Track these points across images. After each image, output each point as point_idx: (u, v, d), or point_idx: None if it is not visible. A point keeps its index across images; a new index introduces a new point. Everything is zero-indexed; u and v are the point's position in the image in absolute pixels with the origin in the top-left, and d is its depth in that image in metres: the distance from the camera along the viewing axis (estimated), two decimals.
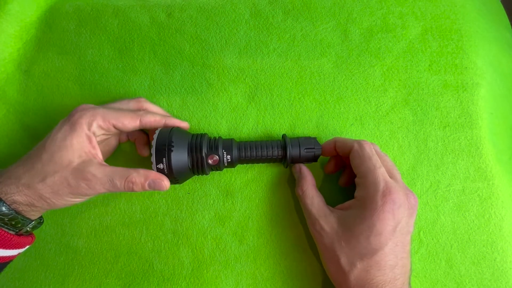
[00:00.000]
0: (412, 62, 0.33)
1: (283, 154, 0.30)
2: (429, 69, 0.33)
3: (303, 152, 0.30)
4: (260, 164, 0.33)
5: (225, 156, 0.29)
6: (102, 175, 0.25)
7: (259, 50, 0.34)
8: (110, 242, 0.32)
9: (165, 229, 0.32)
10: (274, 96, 0.33)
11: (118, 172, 0.26)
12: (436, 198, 0.31)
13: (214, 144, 0.29)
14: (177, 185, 0.33)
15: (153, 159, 0.27)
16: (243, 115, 0.33)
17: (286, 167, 0.32)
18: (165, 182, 0.27)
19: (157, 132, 0.28)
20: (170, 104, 0.34)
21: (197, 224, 0.32)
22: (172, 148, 0.27)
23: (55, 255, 0.32)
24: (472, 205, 0.31)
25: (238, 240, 0.32)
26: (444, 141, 0.32)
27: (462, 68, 0.33)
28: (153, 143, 0.27)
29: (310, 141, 0.31)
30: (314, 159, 0.30)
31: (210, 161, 0.29)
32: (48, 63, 0.35)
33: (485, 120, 0.32)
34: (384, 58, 0.33)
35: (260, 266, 0.31)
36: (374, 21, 0.34)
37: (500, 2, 0.42)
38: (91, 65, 0.35)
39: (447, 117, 0.32)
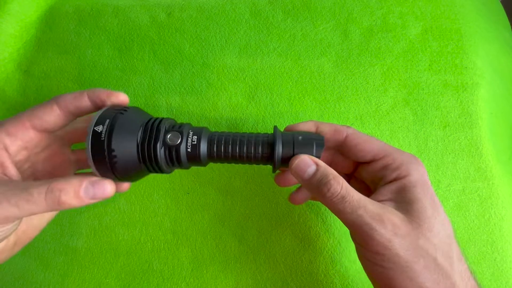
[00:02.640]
0: (412, 62, 0.33)
1: (269, 153, 0.22)
2: (429, 69, 0.33)
3: (299, 141, 0.22)
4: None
5: (190, 137, 0.22)
6: (5, 188, 0.18)
7: (259, 50, 0.34)
8: (109, 242, 0.32)
9: (165, 229, 0.32)
10: (274, 96, 0.33)
11: (36, 182, 0.19)
12: None
13: (181, 125, 0.23)
14: (176, 186, 0.33)
15: (93, 118, 0.20)
16: (243, 114, 0.33)
17: (274, 172, 0.23)
18: (108, 183, 0.20)
19: (111, 105, 0.22)
20: (170, 103, 0.34)
21: (197, 224, 0.32)
22: (124, 112, 0.21)
23: (55, 255, 0.32)
24: (472, 205, 0.31)
25: (238, 240, 0.32)
26: (444, 141, 0.32)
27: (462, 68, 0.33)
28: (101, 109, 0.21)
29: (310, 137, 0.22)
30: (313, 152, 0.22)
31: (168, 137, 0.21)
32: (48, 63, 0.35)
33: (485, 120, 0.32)
34: (384, 58, 0.33)
35: (260, 266, 0.31)
36: (374, 21, 0.34)
37: (500, 2, 0.42)
38: (90, 64, 0.35)
39: (447, 117, 0.32)
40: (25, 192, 0.18)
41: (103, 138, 0.20)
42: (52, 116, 0.21)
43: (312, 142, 0.22)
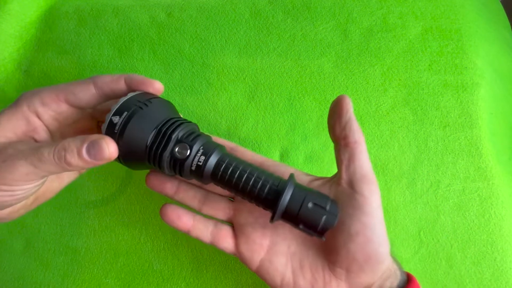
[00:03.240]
0: (412, 62, 0.33)
1: (274, 198, 0.20)
2: (429, 69, 0.33)
3: (307, 207, 0.20)
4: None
5: (198, 155, 0.21)
6: (25, 147, 0.19)
7: (259, 50, 0.34)
8: (109, 242, 0.32)
9: (165, 229, 0.32)
10: (274, 96, 0.33)
11: (48, 142, 0.20)
12: (436, 198, 0.31)
13: (196, 136, 0.22)
14: None
15: (113, 107, 0.21)
16: (243, 114, 0.33)
17: (272, 222, 0.21)
18: (108, 143, 0.19)
19: (143, 91, 0.23)
20: None
21: None
22: (144, 107, 0.21)
23: (55, 255, 0.32)
24: (472, 205, 0.31)
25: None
26: (444, 141, 0.32)
27: (462, 68, 0.33)
28: (129, 94, 0.22)
29: (325, 198, 0.20)
30: (319, 227, 0.20)
31: (176, 150, 0.21)
32: (47, 62, 0.35)
33: (485, 120, 0.32)
34: (384, 58, 0.33)
35: None
36: (374, 21, 0.34)
37: (500, 2, 0.42)
38: (90, 64, 0.35)
39: (447, 117, 0.32)
40: (38, 152, 0.18)
41: (116, 131, 0.20)
42: (87, 95, 0.22)
43: (321, 216, 0.20)
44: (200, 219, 0.25)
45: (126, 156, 0.21)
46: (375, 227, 0.21)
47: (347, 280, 0.22)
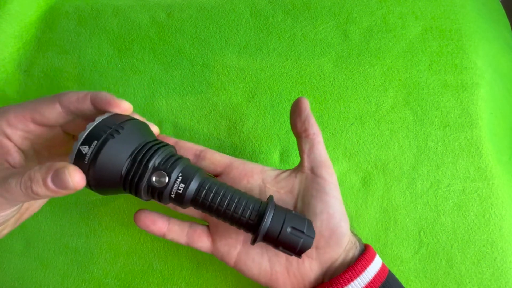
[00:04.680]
0: (412, 62, 0.33)
1: (256, 222, 0.21)
2: (429, 69, 0.33)
3: (286, 231, 0.20)
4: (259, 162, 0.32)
5: (177, 183, 0.20)
6: None
7: (259, 50, 0.34)
8: (109, 242, 0.32)
9: None
10: (274, 96, 0.33)
11: (17, 170, 0.19)
12: (436, 198, 0.31)
13: (174, 161, 0.21)
14: None
15: (81, 135, 0.19)
16: (243, 114, 0.33)
17: (253, 244, 0.21)
18: (72, 174, 0.18)
19: (112, 113, 0.21)
20: (170, 103, 0.34)
21: None
22: (115, 135, 0.19)
23: (54, 255, 0.32)
24: (472, 205, 0.31)
25: None
26: (444, 141, 0.32)
27: (462, 68, 0.33)
28: (98, 118, 0.20)
29: (302, 220, 0.21)
30: (297, 249, 0.21)
31: (154, 179, 0.20)
32: (47, 63, 0.35)
33: (485, 120, 0.32)
34: (384, 58, 0.33)
35: None
36: (374, 21, 0.34)
37: (500, 2, 0.42)
38: (90, 64, 0.35)
39: (447, 117, 0.32)
40: (6, 183, 0.18)
41: (86, 162, 0.19)
42: (54, 113, 0.21)
43: (299, 239, 0.21)
44: (175, 222, 0.25)
45: (99, 186, 0.20)
46: (335, 204, 0.24)
47: (317, 257, 0.24)
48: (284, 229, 0.20)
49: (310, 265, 0.24)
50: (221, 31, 0.35)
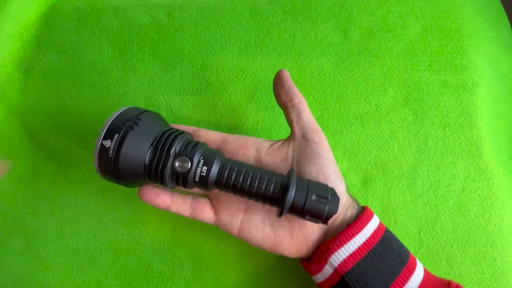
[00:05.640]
0: (412, 62, 0.33)
1: (281, 195, 0.21)
2: (429, 69, 0.33)
3: (311, 200, 0.21)
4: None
5: (200, 166, 0.21)
6: None
7: (259, 50, 0.34)
8: (109, 242, 0.32)
9: (164, 229, 0.32)
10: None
11: None
12: (436, 198, 0.31)
13: (193, 146, 0.21)
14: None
15: (102, 130, 0.20)
16: (243, 114, 0.33)
17: (279, 217, 0.22)
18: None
19: (127, 106, 0.22)
20: (170, 103, 0.34)
21: (197, 224, 0.32)
22: (134, 126, 0.20)
23: (55, 255, 0.32)
24: (472, 205, 0.31)
25: (238, 240, 0.32)
26: (444, 141, 0.32)
27: (462, 68, 0.33)
28: (114, 113, 0.21)
29: (325, 188, 0.21)
30: (323, 216, 0.21)
31: (177, 164, 0.21)
32: (47, 62, 0.35)
33: (485, 120, 0.32)
34: (384, 58, 0.33)
35: (260, 266, 0.31)
36: (374, 21, 0.34)
37: (500, 2, 0.42)
38: (90, 64, 0.35)
39: (447, 117, 0.32)
40: None
41: (110, 155, 0.19)
42: None
43: (325, 206, 0.21)
44: (178, 195, 0.26)
45: (124, 178, 0.21)
46: (329, 165, 0.25)
47: None
48: (309, 197, 0.21)
49: (312, 226, 0.25)
50: (221, 31, 0.35)
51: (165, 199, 0.25)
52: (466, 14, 0.34)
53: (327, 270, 0.23)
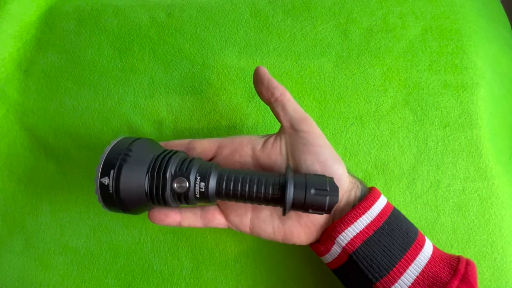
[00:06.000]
0: (412, 62, 0.33)
1: (281, 195, 0.22)
2: (429, 69, 0.33)
3: (311, 194, 0.21)
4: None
5: (197, 183, 0.22)
6: None
7: (259, 50, 0.34)
8: (109, 242, 0.32)
9: (165, 229, 0.32)
10: None
11: None
12: (436, 198, 0.31)
13: (188, 164, 0.22)
14: None
15: (98, 168, 0.20)
16: (243, 114, 0.33)
17: (284, 215, 0.23)
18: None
19: (118, 138, 0.23)
20: (170, 103, 0.34)
21: None
22: (127, 158, 0.20)
23: (55, 255, 0.32)
24: (472, 205, 0.31)
25: (237, 240, 0.32)
26: (444, 141, 0.32)
27: (462, 68, 0.33)
28: (107, 148, 0.21)
29: (322, 180, 0.22)
30: (325, 207, 0.21)
31: (175, 186, 0.21)
32: (47, 62, 0.35)
33: (485, 120, 0.32)
34: (384, 58, 0.33)
35: (260, 266, 0.31)
36: (374, 21, 0.34)
37: (500, 2, 0.42)
38: (90, 64, 0.35)
39: (447, 117, 0.32)
40: None
41: (111, 191, 0.20)
42: None
43: (325, 197, 0.21)
44: (186, 210, 0.26)
45: (130, 208, 0.22)
46: (324, 151, 0.25)
47: None
48: (308, 192, 0.21)
49: None
50: (221, 31, 0.35)
51: (175, 217, 0.26)
52: (466, 14, 0.34)
53: (335, 250, 0.24)
